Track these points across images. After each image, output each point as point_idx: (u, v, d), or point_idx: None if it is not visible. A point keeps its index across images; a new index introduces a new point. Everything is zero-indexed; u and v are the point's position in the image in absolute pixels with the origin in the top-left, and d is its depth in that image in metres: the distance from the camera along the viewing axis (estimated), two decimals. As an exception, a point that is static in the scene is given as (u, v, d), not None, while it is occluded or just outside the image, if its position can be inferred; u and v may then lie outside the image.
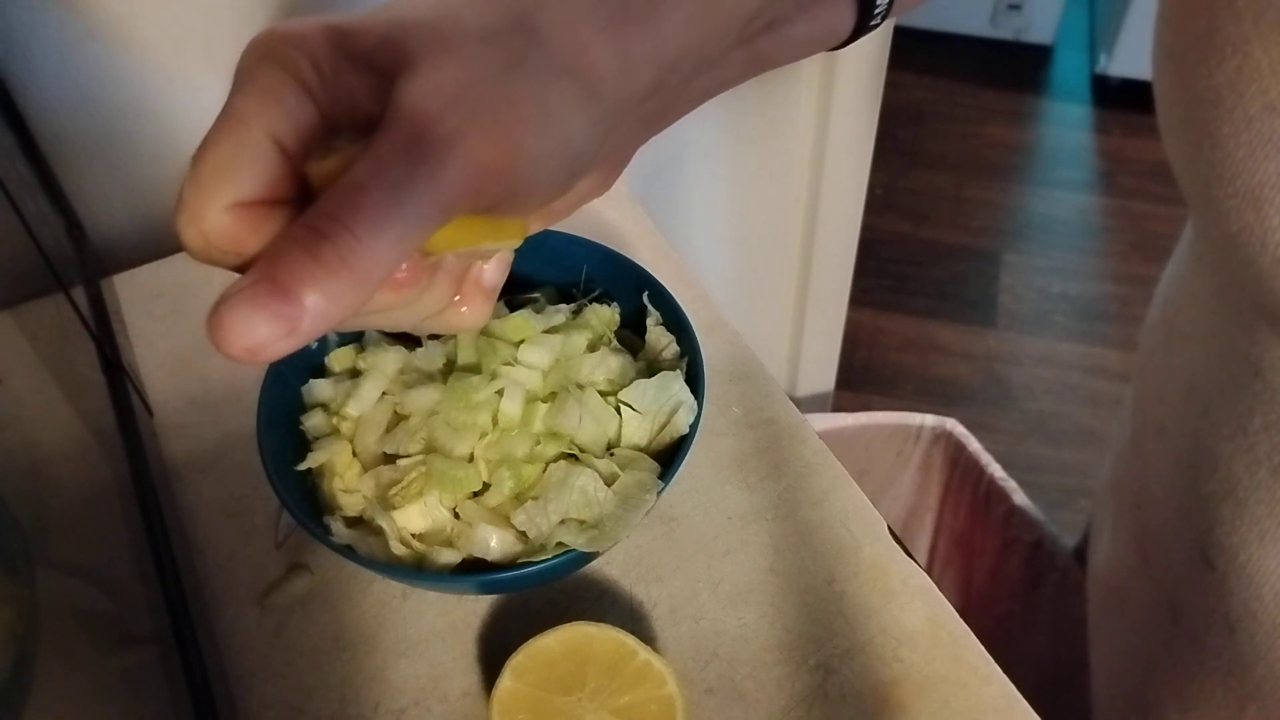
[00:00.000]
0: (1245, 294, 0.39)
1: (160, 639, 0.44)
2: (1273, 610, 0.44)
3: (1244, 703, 0.48)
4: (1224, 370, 0.43)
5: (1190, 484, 0.47)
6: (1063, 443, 1.61)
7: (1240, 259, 0.36)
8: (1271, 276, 0.35)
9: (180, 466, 0.55)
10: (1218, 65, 0.34)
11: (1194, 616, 0.49)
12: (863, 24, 0.35)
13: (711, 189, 0.99)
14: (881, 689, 0.46)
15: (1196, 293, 0.46)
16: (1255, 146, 0.33)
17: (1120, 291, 1.82)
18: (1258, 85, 0.32)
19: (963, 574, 0.90)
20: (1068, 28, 2.33)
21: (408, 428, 0.47)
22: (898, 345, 1.76)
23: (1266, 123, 0.32)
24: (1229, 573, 0.45)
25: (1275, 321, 0.37)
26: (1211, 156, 0.35)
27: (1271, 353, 0.39)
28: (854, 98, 0.94)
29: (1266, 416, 0.40)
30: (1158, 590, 0.53)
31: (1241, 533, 0.44)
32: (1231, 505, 0.44)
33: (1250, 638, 0.45)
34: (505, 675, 0.43)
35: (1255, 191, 0.34)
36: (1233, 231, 0.35)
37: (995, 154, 2.09)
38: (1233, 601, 0.46)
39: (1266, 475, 0.41)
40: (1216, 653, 0.48)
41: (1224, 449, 0.44)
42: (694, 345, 0.49)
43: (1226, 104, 0.34)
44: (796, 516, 0.52)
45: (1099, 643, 0.65)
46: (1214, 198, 0.36)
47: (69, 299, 0.52)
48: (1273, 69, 0.32)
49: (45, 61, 0.60)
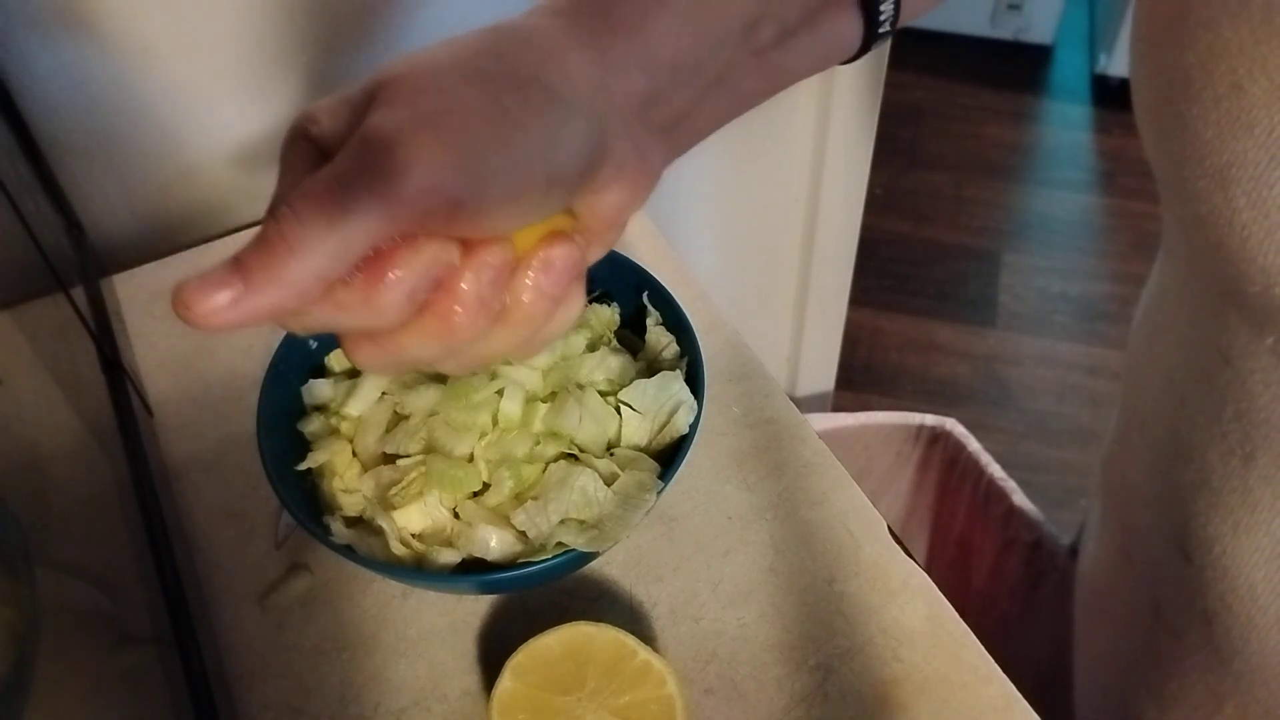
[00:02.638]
0: (1214, 280, 0.39)
1: (160, 639, 0.44)
2: (1248, 603, 0.44)
3: (1222, 699, 0.48)
4: (1197, 361, 0.43)
5: (1169, 477, 0.47)
6: (1063, 443, 1.61)
7: (1209, 241, 0.36)
8: (1238, 258, 0.35)
9: (180, 466, 0.55)
10: (1189, 45, 0.34)
11: (1173, 612, 0.49)
12: (871, 34, 0.35)
13: (711, 189, 0.99)
14: (881, 689, 0.46)
15: (1170, 283, 0.46)
16: (1223, 126, 0.33)
17: (1120, 291, 1.82)
18: (1226, 64, 0.32)
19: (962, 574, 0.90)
20: (1068, 28, 2.33)
21: (408, 428, 0.47)
22: (898, 345, 1.76)
23: (1234, 101, 0.33)
24: (1205, 566, 0.45)
25: (1243, 306, 0.37)
26: (1181, 137, 0.35)
27: (1240, 340, 0.39)
28: (854, 98, 0.94)
29: (1237, 405, 0.40)
30: (1140, 587, 0.53)
31: (1216, 524, 0.44)
32: (1206, 496, 0.44)
33: (1227, 631, 0.45)
34: (505, 675, 0.43)
35: (1223, 171, 0.34)
36: (1201, 214, 0.36)
37: (995, 154, 2.09)
38: (1209, 595, 0.46)
39: (1239, 465, 0.41)
40: (1194, 648, 0.48)
41: (1198, 439, 0.44)
42: (694, 345, 0.49)
43: (1196, 84, 0.34)
44: (796, 516, 0.52)
45: (1084, 642, 0.65)
46: (1184, 179, 0.36)
47: (69, 299, 0.52)
48: (1241, 47, 0.32)
49: (45, 61, 0.60)
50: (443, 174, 0.24)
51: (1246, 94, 0.32)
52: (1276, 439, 0.39)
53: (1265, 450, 0.40)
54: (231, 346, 0.61)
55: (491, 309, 0.27)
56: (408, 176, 0.24)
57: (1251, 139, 0.32)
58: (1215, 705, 0.48)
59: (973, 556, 0.87)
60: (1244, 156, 0.33)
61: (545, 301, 0.28)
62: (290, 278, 0.24)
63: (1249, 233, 0.34)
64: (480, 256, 0.27)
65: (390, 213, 0.24)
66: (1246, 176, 0.33)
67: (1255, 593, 0.43)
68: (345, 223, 0.24)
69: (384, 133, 0.25)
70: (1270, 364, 0.38)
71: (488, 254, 0.27)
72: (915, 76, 2.23)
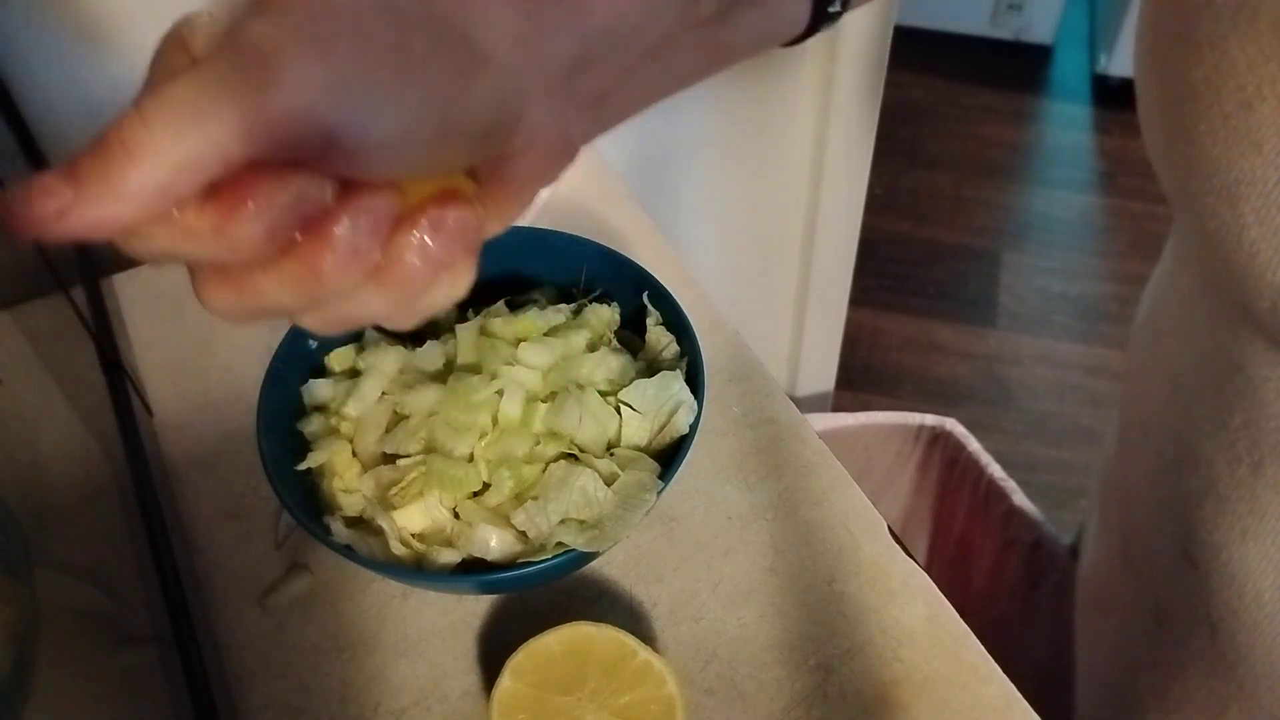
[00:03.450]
0: (1225, 291, 0.39)
1: (160, 639, 0.44)
2: (1254, 610, 0.43)
3: (1226, 704, 0.48)
4: (1205, 367, 0.43)
5: (1173, 482, 0.47)
6: (1063, 443, 1.61)
7: (1218, 255, 0.36)
8: (1247, 274, 0.35)
9: (180, 466, 0.55)
10: (1196, 62, 0.34)
11: (1177, 616, 0.49)
12: (819, 14, 0.34)
13: (711, 189, 0.99)
14: (881, 689, 0.46)
15: (1180, 290, 0.46)
16: (1231, 143, 0.33)
17: (1120, 291, 1.82)
18: (1234, 82, 0.32)
19: (962, 574, 0.90)
20: (1068, 28, 2.33)
21: (408, 428, 0.47)
22: (898, 345, 1.76)
23: (1242, 119, 0.32)
24: (1210, 572, 0.45)
25: (1254, 318, 0.37)
26: (1188, 153, 0.35)
27: (1252, 349, 0.39)
28: (854, 98, 0.94)
29: (1247, 413, 0.40)
30: (1142, 590, 0.53)
31: (1223, 531, 0.44)
32: (1213, 503, 0.44)
33: (1232, 637, 0.45)
34: (505, 675, 0.43)
35: (1231, 188, 0.34)
36: (1210, 228, 0.35)
37: (995, 154, 2.09)
38: (1214, 601, 0.45)
39: (1247, 472, 0.41)
40: (1199, 653, 0.48)
41: (1205, 446, 0.43)
42: (694, 345, 0.49)
43: (1204, 101, 0.34)
44: (796, 516, 0.52)
45: (1085, 643, 0.65)
46: (1192, 194, 0.36)
47: (69, 299, 0.52)
48: (1249, 65, 0.32)
49: (45, 61, 0.60)
50: (318, 97, 0.22)
51: (1255, 112, 0.32)
52: None
53: (1274, 458, 0.40)
54: (231, 346, 0.61)
55: (365, 262, 0.24)
56: (276, 91, 0.21)
57: (1260, 157, 0.32)
58: (1219, 710, 0.48)
59: (973, 556, 0.87)
60: (1252, 175, 0.33)
61: (428, 265, 0.25)
62: (126, 189, 0.21)
63: (1257, 249, 0.34)
64: (359, 201, 0.24)
65: (250, 130, 0.21)
66: (1255, 194, 0.33)
67: (1262, 600, 0.43)
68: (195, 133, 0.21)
69: (259, 40, 0.22)
70: None
71: (369, 199, 0.24)
72: (915, 76, 2.23)
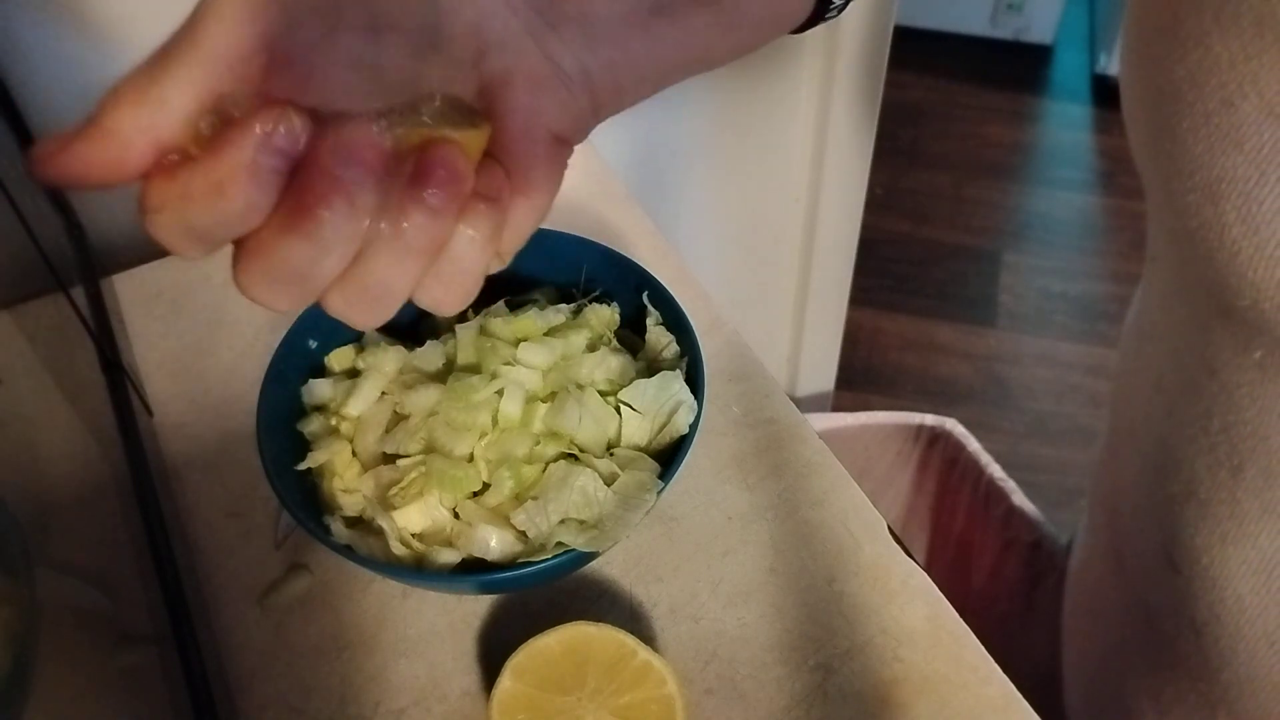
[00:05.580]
0: (1201, 291, 0.39)
1: (160, 639, 0.44)
2: (1236, 614, 0.43)
3: (1214, 706, 0.48)
4: (1184, 371, 0.43)
5: (1157, 486, 0.47)
6: (1062, 443, 1.61)
7: (1199, 254, 0.36)
8: (1228, 272, 0.35)
9: (180, 466, 0.55)
10: (1179, 59, 0.34)
11: (1164, 619, 0.49)
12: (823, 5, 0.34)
13: (712, 189, 0.99)
14: (881, 689, 0.46)
15: (1157, 292, 0.46)
16: (1213, 141, 0.33)
17: (1120, 291, 1.82)
18: (1217, 79, 0.32)
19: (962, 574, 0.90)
20: (1068, 28, 2.33)
21: (408, 428, 0.47)
22: (898, 345, 1.76)
23: (1225, 117, 0.32)
24: (1193, 576, 0.45)
25: (1230, 319, 0.37)
26: (1171, 151, 0.35)
27: (1226, 353, 0.39)
28: (854, 98, 0.94)
29: (1224, 418, 0.40)
30: (1131, 593, 0.53)
31: (1204, 535, 0.43)
32: (1194, 507, 0.44)
33: (1215, 642, 0.45)
34: (505, 675, 0.43)
35: (1213, 186, 0.34)
36: (1191, 227, 0.35)
37: (995, 154, 2.09)
38: (1198, 605, 0.45)
39: (1226, 477, 0.41)
40: (1186, 656, 0.48)
41: (1186, 450, 0.43)
42: (694, 345, 0.49)
43: (1186, 98, 0.34)
44: (796, 516, 0.52)
45: (1074, 644, 0.65)
46: (1173, 192, 0.36)
47: (69, 299, 0.52)
48: (1232, 63, 0.32)
49: (45, 61, 0.60)
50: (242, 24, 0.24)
51: (1237, 110, 0.32)
52: (1264, 451, 0.39)
53: (1252, 463, 0.40)
54: (231, 346, 0.61)
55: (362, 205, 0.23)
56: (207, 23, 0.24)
57: (1241, 155, 0.32)
58: (1209, 712, 0.48)
59: (973, 556, 0.87)
60: (1234, 172, 0.33)
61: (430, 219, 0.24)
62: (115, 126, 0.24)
63: (1238, 248, 0.34)
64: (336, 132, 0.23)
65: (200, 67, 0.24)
66: (1236, 192, 0.33)
67: (1243, 604, 0.43)
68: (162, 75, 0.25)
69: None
70: (1257, 377, 0.38)
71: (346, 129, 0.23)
72: (915, 76, 2.23)
